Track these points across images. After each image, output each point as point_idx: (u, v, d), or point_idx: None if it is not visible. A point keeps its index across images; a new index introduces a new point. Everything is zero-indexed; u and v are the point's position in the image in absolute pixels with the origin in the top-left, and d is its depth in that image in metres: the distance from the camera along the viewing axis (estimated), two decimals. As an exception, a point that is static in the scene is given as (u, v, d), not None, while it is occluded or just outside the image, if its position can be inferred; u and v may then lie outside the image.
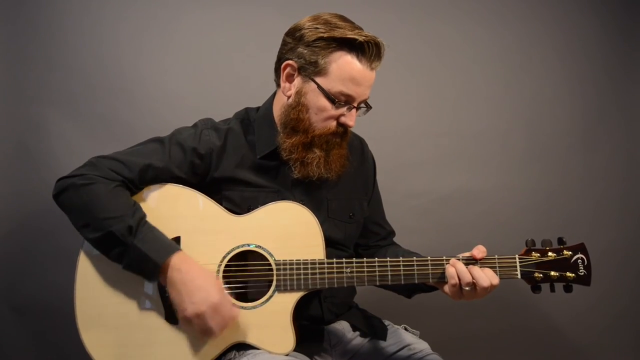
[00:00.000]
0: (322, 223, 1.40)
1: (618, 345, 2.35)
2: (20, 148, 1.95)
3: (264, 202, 1.40)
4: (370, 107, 1.45)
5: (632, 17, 2.39)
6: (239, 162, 1.45)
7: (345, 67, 1.34)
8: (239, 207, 1.41)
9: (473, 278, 1.30)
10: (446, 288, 1.35)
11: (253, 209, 1.40)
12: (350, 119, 1.40)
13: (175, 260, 1.28)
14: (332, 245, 1.47)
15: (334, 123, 1.40)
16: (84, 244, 1.37)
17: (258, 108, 1.55)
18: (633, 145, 2.39)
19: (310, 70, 1.37)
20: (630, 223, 2.36)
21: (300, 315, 1.40)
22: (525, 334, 2.30)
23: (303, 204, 1.40)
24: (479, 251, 1.35)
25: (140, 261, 1.27)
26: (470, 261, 1.34)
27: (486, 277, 1.30)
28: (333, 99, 1.36)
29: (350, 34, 1.33)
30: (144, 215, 1.33)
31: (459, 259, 1.35)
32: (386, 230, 1.69)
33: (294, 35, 1.40)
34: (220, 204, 1.41)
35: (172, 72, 2.05)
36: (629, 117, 2.39)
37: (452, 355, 1.54)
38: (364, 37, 1.32)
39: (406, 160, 2.23)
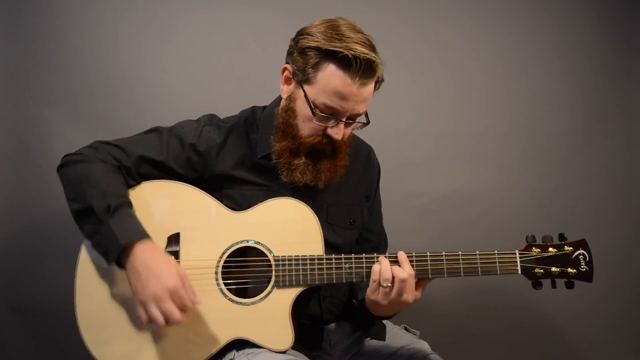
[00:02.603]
0: (322, 228, 1.40)
1: (618, 345, 2.35)
2: (20, 148, 1.95)
3: (264, 200, 1.40)
4: (368, 123, 1.42)
5: (632, 17, 2.39)
6: (239, 160, 1.45)
7: (330, 79, 1.30)
8: (239, 205, 1.41)
9: (393, 274, 1.30)
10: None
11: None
12: (337, 132, 1.36)
13: (140, 246, 1.27)
14: (331, 248, 1.46)
15: (320, 133, 1.38)
16: (85, 242, 1.37)
17: (265, 107, 1.55)
18: (633, 145, 2.39)
19: (300, 77, 1.35)
20: (630, 223, 2.36)
21: (300, 314, 1.40)
22: (525, 334, 2.30)
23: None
24: (401, 254, 1.35)
25: (107, 240, 1.27)
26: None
27: (404, 270, 1.31)
28: (313, 110, 1.34)
29: (339, 47, 1.28)
30: (127, 202, 1.33)
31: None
32: (379, 239, 1.66)
33: (295, 39, 1.39)
34: (221, 202, 1.41)
35: (171, 71, 2.05)
36: (629, 117, 2.39)
37: (452, 355, 1.54)
38: (352, 53, 1.27)
39: (406, 160, 2.23)
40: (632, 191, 2.38)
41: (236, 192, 1.43)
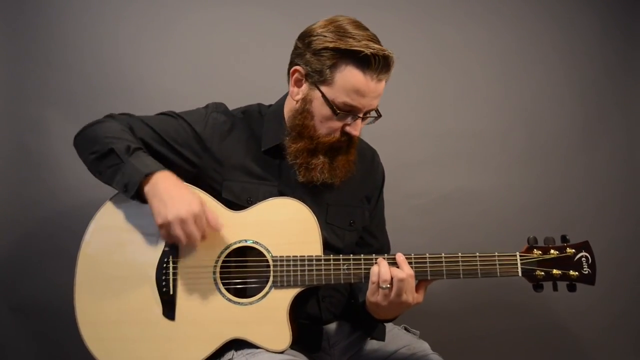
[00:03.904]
0: (321, 229, 1.40)
1: (618, 345, 2.35)
2: (21, 149, 1.95)
3: (264, 195, 1.41)
4: (380, 116, 1.44)
5: (632, 17, 2.39)
6: (243, 150, 1.46)
7: (350, 79, 1.32)
8: (238, 198, 1.41)
9: (391, 274, 1.30)
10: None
11: (253, 201, 1.40)
12: (355, 128, 1.39)
13: (163, 173, 1.31)
14: (332, 251, 1.45)
15: (338, 131, 1.39)
16: (83, 241, 1.37)
17: (270, 105, 1.56)
18: (633, 145, 2.39)
19: (316, 78, 1.36)
20: (630, 223, 2.36)
21: (299, 314, 1.40)
22: (525, 334, 2.30)
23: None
24: (399, 255, 1.35)
25: (130, 174, 1.30)
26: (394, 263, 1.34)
27: (402, 270, 1.31)
28: (335, 110, 1.35)
29: (357, 46, 1.29)
30: (144, 149, 1.38)
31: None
32: (381, 244, 1.65)
33: (304, 41, 1.39)
34: (220, 194, 1.41)
35: (171, 72, 2.05)
36: (629, 117, 2.39)
37: (452, 355, 1.54)
38: (370, 50, 1.29)
39: (406, 160, 2.23)
40: (632, 191, 2.38)
41: (236, 185, 1.43)
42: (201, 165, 1.44)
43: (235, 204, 1.41)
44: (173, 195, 1.27)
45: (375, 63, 1.30)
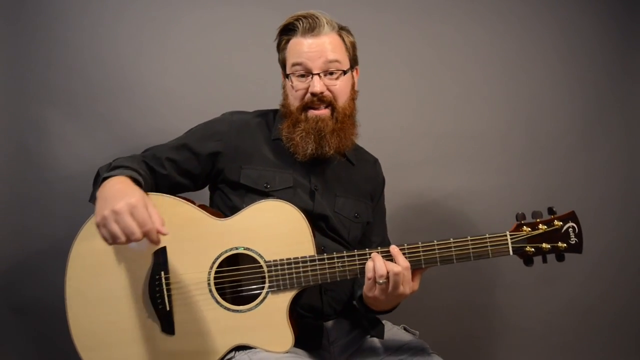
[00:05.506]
0: (330, 217, 1.47)
1: (618, 345, 2.35)
2: (20, 148, 1.95)
3: (280, 182, 1.47)
4: (344, 72, 1.49)
5: (632, 17, 2.39)
6: (259, 143, 1.53)
7: (292, 48, 1.50)
8: (255, 183, 1.47)
9: (387, 269, 1.30)
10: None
11: (269, 187, 1.45)
12: (313, 86, 1.46)
13: (118, 178, 1.31)
14: (337, 241, 1.50)
15: (304, 95, 1.49)
16: (69, 263, 1.35)
17: None
18: (633, 145, 2.39)
19: (282, 67, 1.55)
20: (630, 223, 2.36)
21: (300, 305, 1.41)
22: (525, 334, 2.30)
23: (305, 190, 1.47)
24: (393, 248, 1.35)
25: (96, 185, 1.37)
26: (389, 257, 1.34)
27: (398, 264, 1.31)
28: (288, 74, 1.50)
29: (284, 22, 1.50)
30: (131, 167, 1.37)
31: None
32: (381, 238, 1.68)
33: None
34: (239, 181, 1.46)
35: (172, 72, 2.05)
36: (629, 117, 2.39)
37: (452, 355, 1.54)
38: (293, 18, 1.49)
39: (406, 160, 2.23)
40: (632, 191, 2.38)
41: (254, 172, 1.48)
42: (222, 151, 1.50)
43: (253, 189, 1.46)
44: (114, 193, 1.24)
45: (301, 24, 1.48)
